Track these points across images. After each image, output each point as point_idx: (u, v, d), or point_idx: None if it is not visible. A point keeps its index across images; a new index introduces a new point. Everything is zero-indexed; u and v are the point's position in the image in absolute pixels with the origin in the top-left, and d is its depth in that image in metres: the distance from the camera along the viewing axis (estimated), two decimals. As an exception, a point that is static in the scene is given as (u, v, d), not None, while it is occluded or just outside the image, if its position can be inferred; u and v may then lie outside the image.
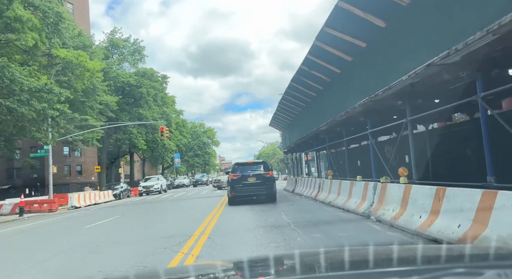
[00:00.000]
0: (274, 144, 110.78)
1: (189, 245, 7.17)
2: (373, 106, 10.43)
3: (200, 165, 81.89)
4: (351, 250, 1.83)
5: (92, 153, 57.24)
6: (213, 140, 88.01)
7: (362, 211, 9.85)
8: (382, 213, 8.66)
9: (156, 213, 14.69)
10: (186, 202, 19.38)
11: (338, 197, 12.55)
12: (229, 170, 16.68)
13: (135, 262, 6.03)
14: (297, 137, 21.95)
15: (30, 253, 7.93)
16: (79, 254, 7.22)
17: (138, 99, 47.00)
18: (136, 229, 10.34)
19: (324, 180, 15.06)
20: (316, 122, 16.56)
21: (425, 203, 6.97)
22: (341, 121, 13.23)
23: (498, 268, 1.26)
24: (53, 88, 19.38)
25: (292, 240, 6.96)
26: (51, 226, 13.77)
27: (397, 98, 8.74)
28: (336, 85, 13.32)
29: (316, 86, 14.96)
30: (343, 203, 11.60)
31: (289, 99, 19.31)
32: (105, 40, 48.24)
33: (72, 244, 8.57)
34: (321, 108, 15.86)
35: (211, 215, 11.97)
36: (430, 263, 1.47)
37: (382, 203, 8.91)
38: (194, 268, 2.06)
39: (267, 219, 10.02)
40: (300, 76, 14.80)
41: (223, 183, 30.54)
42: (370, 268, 1.46)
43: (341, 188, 12.42)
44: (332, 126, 14.43)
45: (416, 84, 7.86)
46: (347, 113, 11.77)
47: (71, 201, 25.33)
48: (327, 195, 14.11)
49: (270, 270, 1.61)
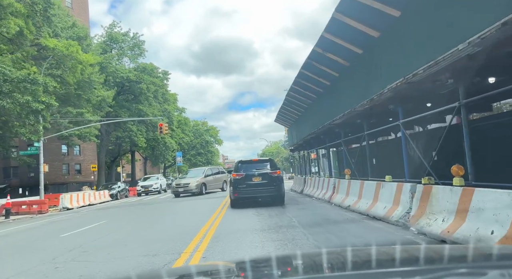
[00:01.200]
0: (277, 143, 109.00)
1: (175, 269, 5.29)
2: (407, 91, 8.50)
3: (202, 164, 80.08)
4: (353, 250, 1.74)
5: (92, 152, 55.60)
6: (216, 139, 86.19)
7: (395, 220, 7.94)
8: (427, 224, 6.75)
9: (147, 219, 12.84)
10: (184, 204, 17.54)
11: (359, 201, 10.64)
12: (231, 169, 14.79)
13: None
14: (306, 133, 20.03)
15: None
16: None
17: (138, 95, 45.23)
18: (116, 241, 8.50)
19: (340, 181, 13.15)
20: (329, 115, 14.64)
21: (499, 214, 5.06)
22: (362, 112, 11.31)
23: (502, 268, 1.24)
24: (37, 78, 17.56)
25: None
26: (26, 233, 11.95)
27: (446, 75, 6.81)
28: (356, 70, 11.40)
29: (330, 73, 13.03)
30: (367, 208, 9.69)
31: (297, 90, 17.37)
32: (104, 35, 46.50)
33: (31, 263, 6.74)
34: (336, 99, 13.92)
35: (210, 222, 10.11)
36: (433, 263, 1.47)
37: (425, 210, 7.00)
38: (197, 268, 2.04)
39: (278, 229, 8.14)
40: (312, 61, 12.88)
41: (190, 187, 23.11)
42: (373, 268, 1.45)
43: (364, 189, 10.51)
44: (350, 118, 12.50)
45: (477, 55, 5.93)
46: (372, 101, 9.84)
47: (62, 202, 23.56)
48: (344, 197, 12.21)
49: (272, 271, 1.57)
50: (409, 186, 7.84)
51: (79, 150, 55.31)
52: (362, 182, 10.78)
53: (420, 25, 7.52)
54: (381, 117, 11.78)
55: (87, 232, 10.41)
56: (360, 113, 11.42)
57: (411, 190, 7.74)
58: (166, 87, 52.29)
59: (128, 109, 45.36)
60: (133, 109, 44.91)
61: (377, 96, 9.49)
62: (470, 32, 5.63)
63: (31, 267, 6.33)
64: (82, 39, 28.86)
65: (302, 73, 14.61)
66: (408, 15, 7.89)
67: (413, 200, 7.60)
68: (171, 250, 6.63)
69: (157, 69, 46.08)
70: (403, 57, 8.30)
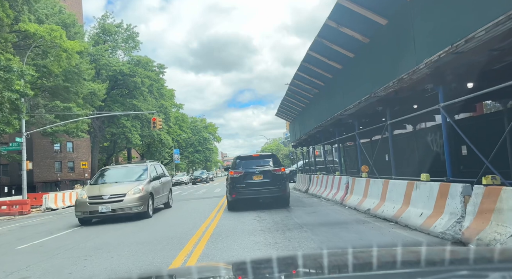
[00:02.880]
0: (277, 140, 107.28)
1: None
2: (452, 65, 6.62)
3: (200, 161, 78.23)
4: (354, 252, 1.74)
5: (86, 149, 53.66)
6: (215, 136, 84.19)
7: (440, 231, 6.07)
8: (494, 238, 4.90)
9: (128, 225, 10.95)
10: (175, 205, 15.68)
11: (382, 204, 8.77)
12: (229, 166, 12.93)
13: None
14: (311, 127, 18.14)
15: None
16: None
17: (132, 90, 43.26)
18: (80, 256, 6.62)
19: (354, 179, 11.27)
20: (340, 105, 12.77)
21: None
22: (384, 97, 9.42)
23: (503, 271, 1.23)
24: (11, 65, 15.63)
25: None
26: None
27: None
28: (374, 49, 9.52)
29: (344, 53, 11.13)
30: (395, 214, 7.83)
31: (303, 77, 15.48)
32: (97, 26, 44.47)
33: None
34: (348, 85, 12.04)
35: (201, 231, 8.24)
36: (434, 265, 1.47)
37: (490, 220, 5.13)
38: (197, 269, 2.03)
39: (286, 243, 6.28)
40: (322, 39, 10.97)
41: (126, 203, 11.32)
42: (374, 270, 1.44)
43: (388, 190, 8.63)
44: (367, 107, 10.62)
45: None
46: (401, 81, 7.95)
47: (45, 202, 21.63)
48: (360, 199, 10.34)
49: (273, 272, 1.53)
50: (459, 187, 5.96)
51: (72, 147, 53.40)
52: (386, 181, 8.90)
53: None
54: (407, 102, 9.90)
55: (51, 242, 8.53)
56: (382, 98, 9.53)
57: (463, 192, 5.86)
58: (162, 81, 50.30)
59: (122, 104, 43.43)
60: (127, 104, 42.99)
61: (408, 76, 7.61)
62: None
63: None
64: (70, 26, 26.84)
65: (310, 55, 12.71)
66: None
67: (467, 206, 5.73)
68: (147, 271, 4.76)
69: (152, 62, 44.11)
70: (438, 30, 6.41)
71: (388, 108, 9.55)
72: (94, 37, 43.30)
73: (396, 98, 9.37)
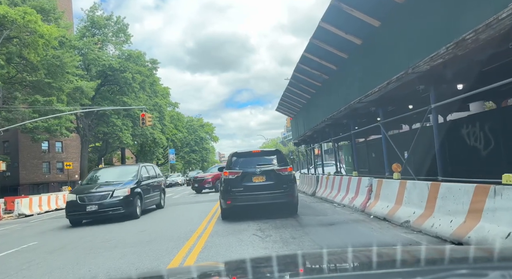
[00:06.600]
0: (275, 140, 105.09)
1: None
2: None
3: (197, 161, 75.83)
4: (354, 251, 1.72)
5: (76, 149, 51.10)
6: (212, 135, 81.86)
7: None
8: None
9: (96, 241, 8.63)
10: (162, 213, 13.37)
11: (429, 215, 6.46)
12: (223, 167, 10.58)
13: None
14: (318, 120, 15.84)
15: None
16: None
17: (123, 86, 40.82)
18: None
19: (382, 181, 8.94)
20: (354, 94, 10.49)
21: None
22: (425, 73, 7.13)
23: (502, 269, 1.22)
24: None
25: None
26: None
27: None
28: (392, 27, 7.25)
29: (352, 41, 8.88)
30: (455, 231, 5.53)
31: (311, 60, 13.18)
32: (85, 19, 42.02)
33: None
34: (363, 69, 9.75)
35: (180, 257, 5.92)
36: (433, 264, 1.44)
37: None
38: (197, 268, 1.97)
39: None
40: (326, 23, 8.71)
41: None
42: (373, 269, 1.43)
43: (439, 197, 6.32)
44: (400, 87, 8.31)
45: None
46: (460, 43, 5.66)
47: (18, 208, 19.20)
48: (392, 206, 8.04)
49: (273, 271, 1.49)
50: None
51: (62, 146, 50.92)
52: (434, 184, 6.58)
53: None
54: (453, 81, 7.59)
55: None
56: (423, 75, 7.22)
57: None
58: (155, 78, 47.90)
59: (112, 101, 41.00)
60: (117, 102, 40.55)
61: (475, 34, 5.32)
62: None
63: None
64: (49, 12, 24.43)
65: (313, 43, 10.45)
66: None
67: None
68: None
69: (144, 56, 41.66)
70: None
71: (433, 87, 7.23)
72: (82, 30, 40.91)
73: (443, 75, 7.06)
